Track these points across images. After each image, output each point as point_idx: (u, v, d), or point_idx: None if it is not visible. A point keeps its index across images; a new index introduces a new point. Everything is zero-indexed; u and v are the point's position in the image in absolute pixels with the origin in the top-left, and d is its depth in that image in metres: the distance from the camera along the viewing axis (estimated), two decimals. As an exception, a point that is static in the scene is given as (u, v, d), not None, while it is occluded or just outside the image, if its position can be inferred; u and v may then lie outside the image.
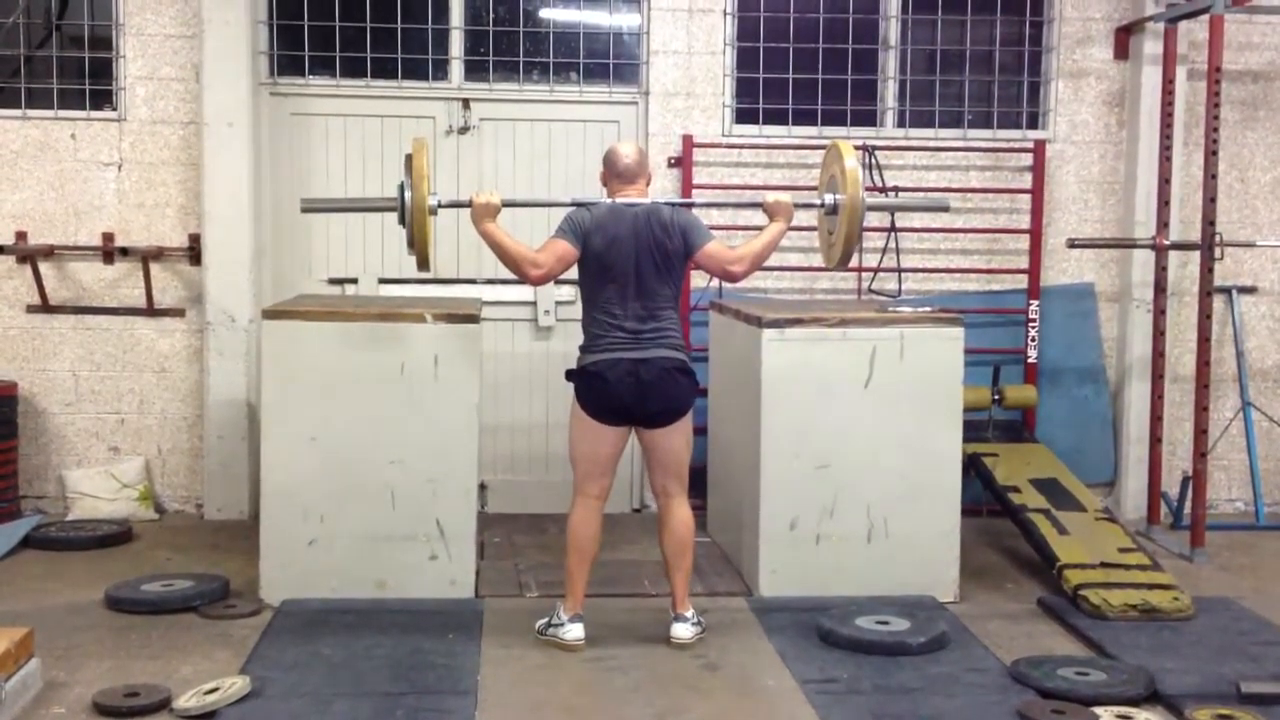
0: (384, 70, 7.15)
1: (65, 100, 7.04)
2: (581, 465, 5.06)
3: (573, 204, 5.09)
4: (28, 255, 6.93)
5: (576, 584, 5.02)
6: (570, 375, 5.05)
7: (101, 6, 7.05)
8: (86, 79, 7.06)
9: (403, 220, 4.96)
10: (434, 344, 5.47)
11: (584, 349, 5.01)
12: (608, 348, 4.91)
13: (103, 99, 7.07)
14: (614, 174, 5.03)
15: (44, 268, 6.97)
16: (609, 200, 4.99)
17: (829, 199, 5.17)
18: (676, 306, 5.06)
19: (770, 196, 5.15)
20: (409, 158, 4.91)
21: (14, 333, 7.05)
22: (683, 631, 5.01)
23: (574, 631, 4.96)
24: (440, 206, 5.02)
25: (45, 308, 7.02)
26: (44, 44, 7.10)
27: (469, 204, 5.00)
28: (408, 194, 4.89)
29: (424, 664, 4.72)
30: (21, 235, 6.99)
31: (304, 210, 5.51)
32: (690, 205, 5.45)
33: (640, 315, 4.91)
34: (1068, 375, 7.49)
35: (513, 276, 7.13)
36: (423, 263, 5.04)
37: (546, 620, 5.05)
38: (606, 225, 4.89)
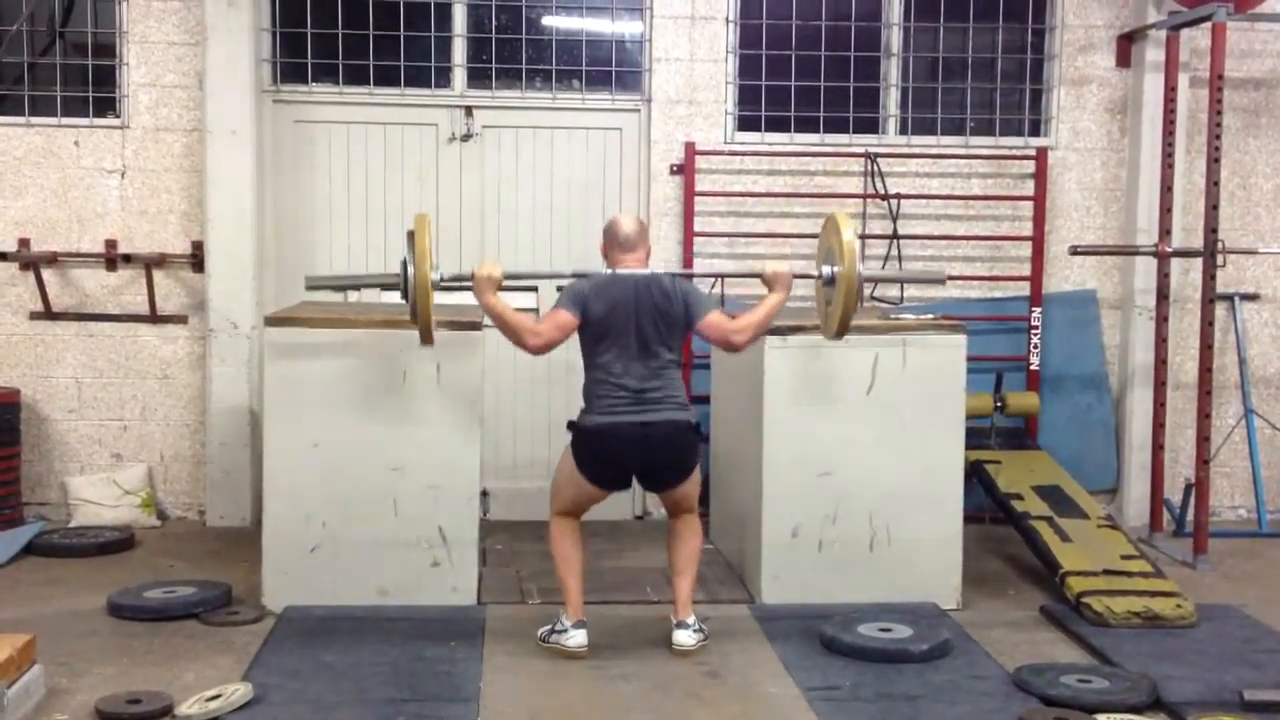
0: (387, 78, 7.16)
1: (69, 107, 7.06)
2: (561, 504, 5.11)
3: (573, 275, 5.11)
4: (31, 262, 6.94)
5: (572, 593, 5.03)
6: (571, 426, 5.03)
7: (105, 14, 7.07)
8: (90, 86, 7.07)
9: (405, 295, 4.96)
10: (436, 351, 5.46)
11: (585, 410, 4.99)
12: (610, 409, 4.89)
13: (106, 106, 7.08)
14: (615, 244, 5.02)
15: (47, 274, 6.98)
16: (609, 270, 4.99)
17: (826, 270, 5.16)
18: (679, 367, 5.05)
19: (769, 267, 5.10)
20: (411, 234, 4.88)
21: (17, 339, 7.05)
22: (685, 638, 5.01)
23: (577, 638, 4.96)
24: (443, 281, 5.02)
25: (48, 314, 7.02)
26: (47, 51, 7.12)
27: (471, 277, 4.98)
28: (410, 270, 4.88)
29: (426, 671, 4.71)
30: (25, 242, 7.00)
31: (309, 288, 5.55)
32: (691, 275, 5.52)
33: (642, 375, 4.90)
34: (1070, 382, 7.49)
35: (516, 284, 7.19)
36: (426, 336, 5.04)
37: (549, 628, 5.05)
38: (606, 291, 4.89)
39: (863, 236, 7.27)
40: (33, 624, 4.90)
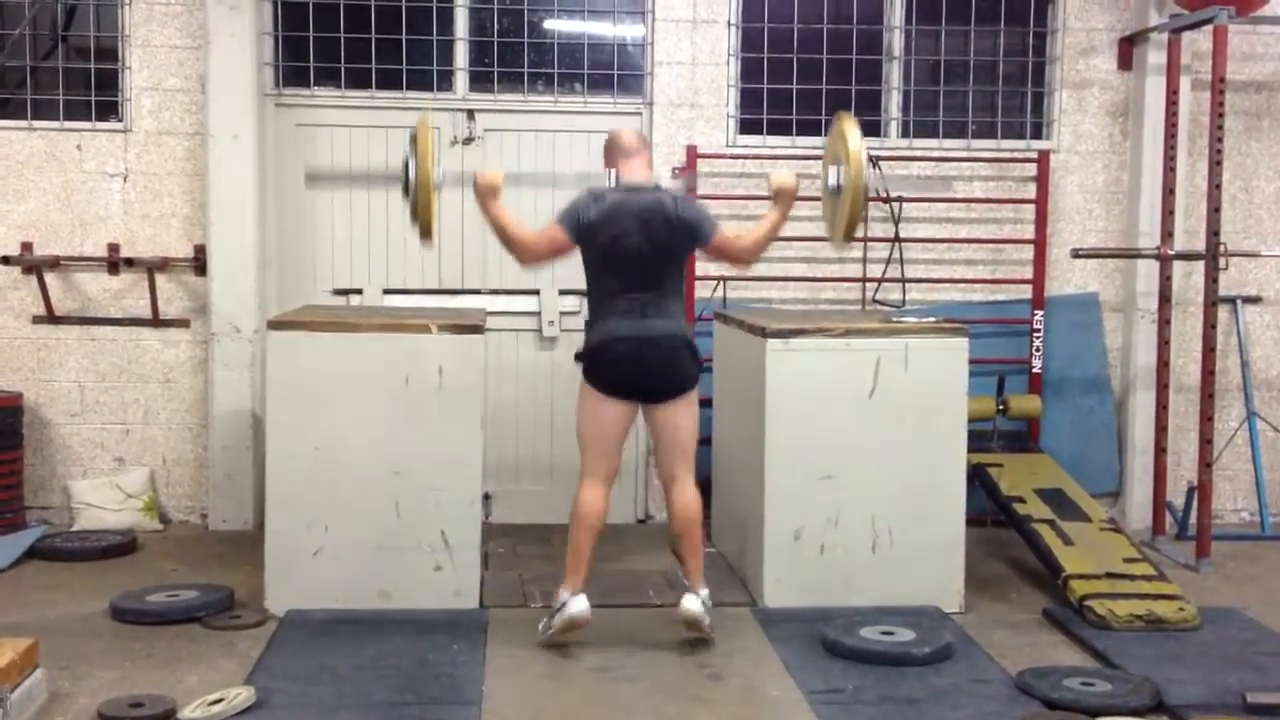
0: (389, 81, 7.16)
1: (71, 111, 7.06)
2: (590, 445, 5.10)
3: (578, 183, 5.13)
4: (33, 266, 6.94)
5: (583, 560, 5.02)
6: (578, 356, 5.10)
7: (107, 18, 7.08)
8: (92, 90, 7.08)
9: (406, 193, 4.97)
10: (438, 354, 5.48)
11: (589, 326, 5.07)
12: (613, 321, 4.97)
13: (108, 110, 7.09)
14: (616, 151, 5.13)
15: (49, 278, 6.98)
16: (614, 190, 5.01)
17: (833, 176, 5.18)
18: (681, 290, 5.14)
19: (775, 179, 5.16)
20: (414, 133, 4.91)
21: (19, 343, 7.06)
22: (691, 604, 4.99)
23: (578, 604, 4.94)
24: (445, 181, 5.05)
25: (50, 318, 7.03)
26: (50, 55, 7.12)
27: (474, 181, 5.02)
28: (412, 168, 4.88)
29: (429, 674, 4.72)
30: (27, 246, 7.00)
31: (308, 180, 5.48)
32: (694, 194, 5.58)
33: (644, 299, 4.98)
34: (1072, 385, 7.48)
35: (517, 287, 7.21)
36: (426, 234, 5.05)
37: (546, 619, 5.05)
38: (611, 220, 4.93)
39: (865, 239, 7.28)
40: (35, 628, 4.90)
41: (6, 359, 7.05)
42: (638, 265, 4.95)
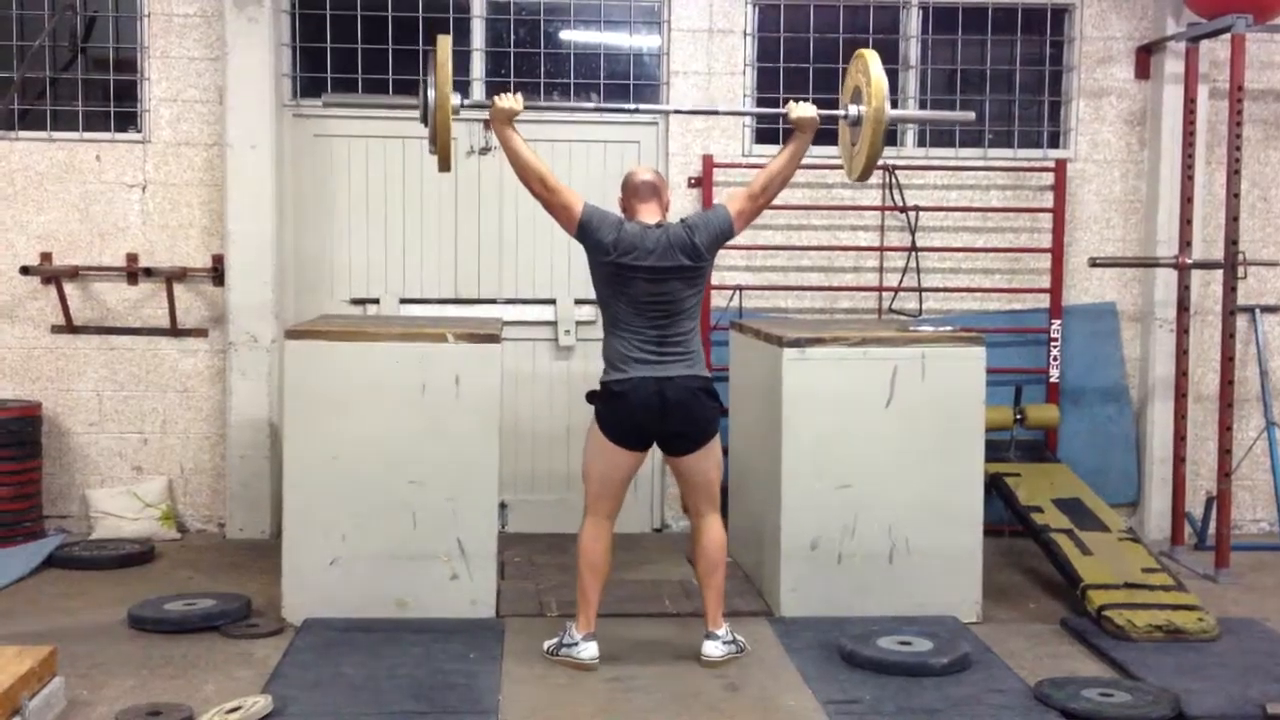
0: (405, 92, 7.17)
1: (90, 122, 7.10)
2: (594, 486, 5.06)
3: (595, 108, 5.04)
4: (53, 276, 6.98)
5: (590, 602, 5.02)
6: (591, 397, 5.05)
7: (126, 30, 7.12)
8: (111, 101, 7.12)
9: (425, 120, 4.92)
10: (455, 364, 5.49)
11: (606, 369, 5.00)
12: (631, 367, 4.91)
13: (127, 121, 7.13)
14: (631, 192, 5.04)
15: (69, 288, 7.02)
16: (633, 223, 4.96)
17: (853, 110, 5.15)
18: (698, 317, 5.07)
19: (795, 111, 5.11)
20: (433, 56, 4.83)
21: (39, 353, 7.09)
22: (713, 650, 4.99)
23: (589, 650, 4.95)
24: (463, 107, 5.00)
25: (70, 328, 7.06)
26: (69, 67, 7.17)
27: (490, 105, 4.96)
28: (431, 94, 4.83)
29: (445, 683, 4.72)
30: (47, 256, 7.04)
31: (325, 104, 5.39)
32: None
33: (663, 328, 4.91)
34: (1090, 395, 7.46)
35: (534, 296, 7.22)
36: (444, 163, 4.99)
37: (557, 640, 5.04)
38: (636, 246, 4.86)
39: (881, 248, 7.27)
40: (54, 636, 4.93)
41: (26, 368, 7.09)
42: (657, 295, 4.87)
